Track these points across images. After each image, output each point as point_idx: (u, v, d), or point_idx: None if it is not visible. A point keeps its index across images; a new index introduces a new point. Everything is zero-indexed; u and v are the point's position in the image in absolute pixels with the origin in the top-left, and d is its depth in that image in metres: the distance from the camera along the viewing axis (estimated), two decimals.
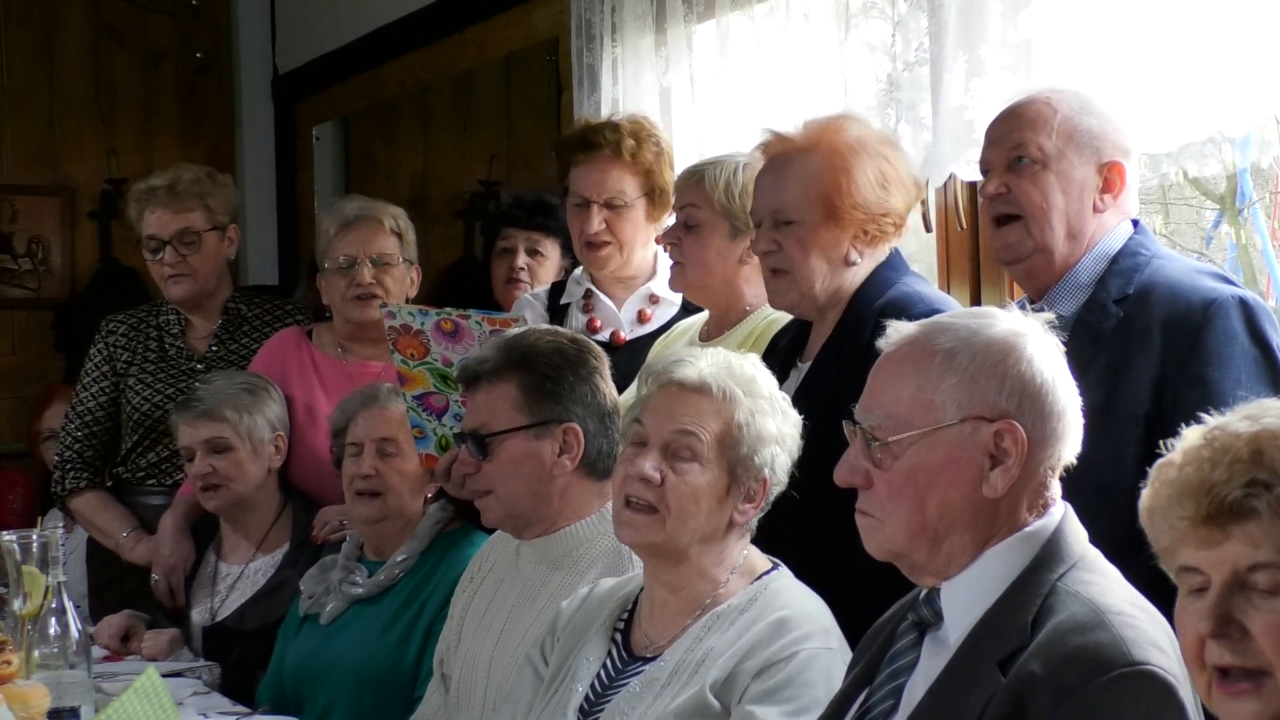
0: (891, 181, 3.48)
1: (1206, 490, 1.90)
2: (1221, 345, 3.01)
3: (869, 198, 3.46)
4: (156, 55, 7.85)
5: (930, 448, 2.41)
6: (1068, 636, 2.26)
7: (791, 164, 3.54)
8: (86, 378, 5.25)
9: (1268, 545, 1.86)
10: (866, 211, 3.47)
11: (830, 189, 3.47)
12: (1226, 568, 1.88)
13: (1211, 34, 3.39)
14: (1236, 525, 1.88)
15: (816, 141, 3.53)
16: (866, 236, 3.49)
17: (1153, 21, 3.51)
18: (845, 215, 3.47)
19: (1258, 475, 1.87)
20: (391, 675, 4.02)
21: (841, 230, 3.48)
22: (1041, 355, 2.44)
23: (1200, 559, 1.91)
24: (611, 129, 4.41)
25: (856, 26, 4.38)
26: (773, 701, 2.78)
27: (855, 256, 3.49)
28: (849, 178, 3.46)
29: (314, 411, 4.71)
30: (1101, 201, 3.22)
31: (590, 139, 4.41)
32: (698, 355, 3.08)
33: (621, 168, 4.36)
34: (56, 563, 3.65)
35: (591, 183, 4.37)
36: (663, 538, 2.96)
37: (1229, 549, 1.88)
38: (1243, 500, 1.87)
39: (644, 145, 4.37)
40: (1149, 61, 3.51)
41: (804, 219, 3.49)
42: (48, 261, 7.67)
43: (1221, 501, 1.88)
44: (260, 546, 4.73)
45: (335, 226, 4.84)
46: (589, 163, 4.38)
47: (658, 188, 4.37)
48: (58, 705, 3.34)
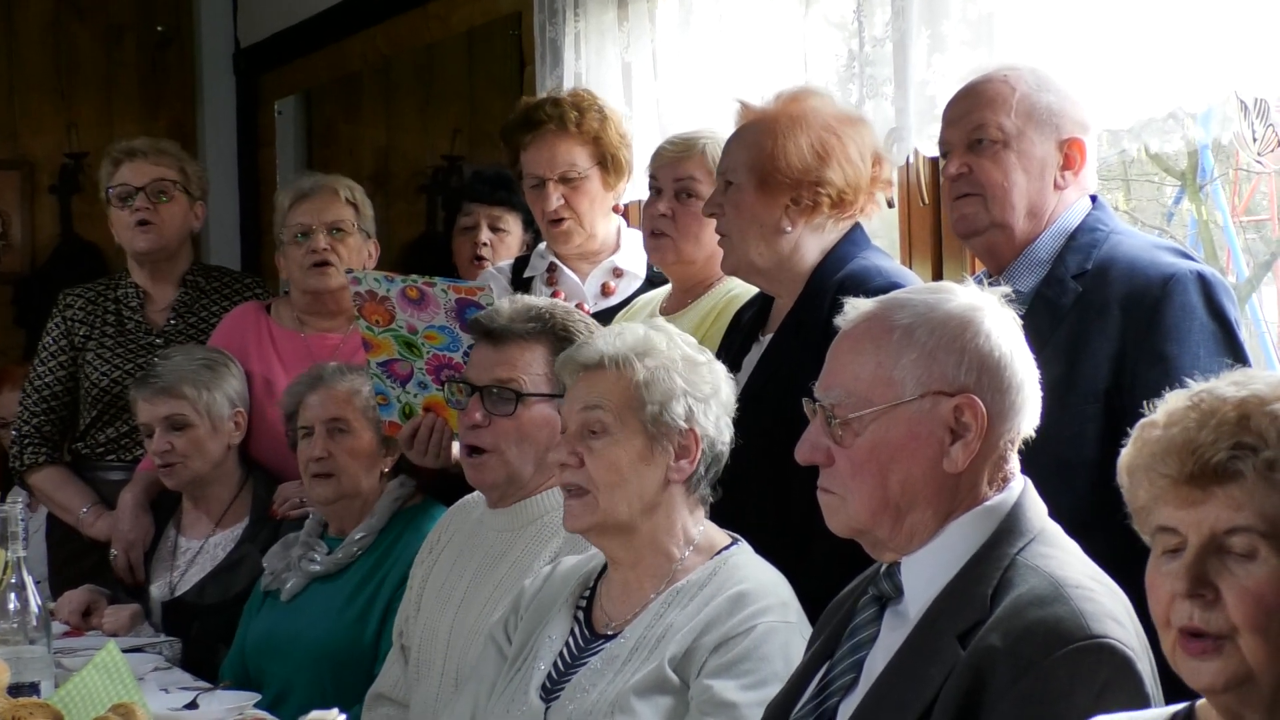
0: (833, 155, 3.47)
1: (1191, 450, 1.89)
2: (1180, 320, 3.02)
3: (796, 164, 3.45)
4: (117, 29, 7.82)
5: (891, 424, 2.41)
6: (1027, 610, 2.27)
7: (743, 131, 3.56)
8: (44, 352, 5.24)
9: (1249, 509, 1.85)
10: (793, 178, 3.46)
11: (760, 154, 3.47)
12: (1205, 529, 1.88)
13: (1172, 9, 3.39)
14: (1219, 487, 1.87)
15: (768, 111, 3.55)
16: (797, 205, 3.48)
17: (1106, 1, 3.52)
18: (773, 180, 3.47)
19: (1244, 439, 1.87)
20: (350, 652, 4.02)
21: (771, 196, 3.48)
22: (999, 329, 2.45)
23: (1179, 519, 1.90)
24: (553, 104, 4.42)
25: (818, 1, 4.37)
26: (730, 675, 2.79)
27: (786, 225, 3.49)
28: (778, 144, 3.46)
29: (273, 386, 4.71)
30: (1062, 178, 3.24)
31: (533, 117, 4.41)
32: (597, 335, 3.13)
33: (569, 140, 4.36)
34: (16, 538, 3.63)
35: (542, 160, 4.36)
36: (599, 514, 2.97)
37: (1209, 510, 1.88)
38: (1228, 462, 1.86)
39: (587, 115, 4.37)
40: (1109, 37, 3.52)
41: (740, 182, 3.50)
42: (7, 236, 7.63)
43: (1206, 462, 1.88)
44: (220, 522, 4.72)
45: (290, 199, 4.86)
46: (537, 141, 4.38)
47: (609, 154, 4.37)
48: (17, 681, 3.32)
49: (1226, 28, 3.30)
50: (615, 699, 2.84)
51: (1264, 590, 1.85)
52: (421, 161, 6.82)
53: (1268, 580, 1.85)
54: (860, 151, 3.52)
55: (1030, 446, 2.48)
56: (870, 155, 3.54)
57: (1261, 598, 1.85)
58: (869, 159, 3.54)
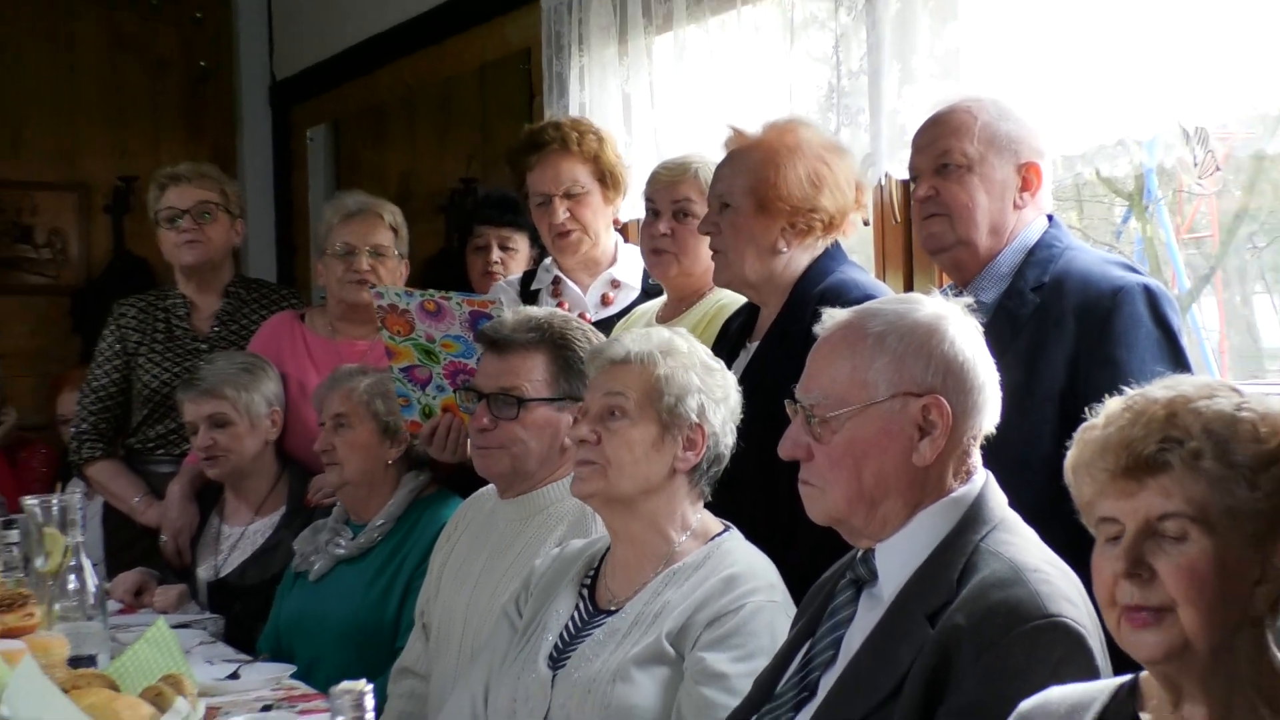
0: (824, 183, 3.48)
1: (1126, 445, 1.92)
2: (1128, 328, 3.02)
3: (795, 193, 3.46)
4: (164, 64, 7.82)
5: (865, 422, 2.42)
6: (989, 592, 2.27)
7: (739, 156, 3.55)
8: (100, 357, 5.24)
9: (1178, 496, 1.88)
10: (792, 205, 3.46)
11: (761, 181, 3.47)
12: (1140, 516, 1.90)
13: (1120, 45, 3.40)
14: (1151, 478, 1.90)
15: (764, 139, 3.55)
16: (794, 229, 3.48)
17: (1067, 33, 3.52)
18: (773, 206, 3.47)
19: (1171, 433, 1.90)
20: (373, 628, 4.02)
21: (770, 219, 3.48)
22: (963, 336, 2.46)
23: (1117, 509, 1.92)
24: (554, 127, 4.43)
25: (801, 38, 4.38)
26: (722, 649, 2.79)
27: (782, 245, 3.49)
28: (779, 173, 3.46)
29: (306, 388, 4.70)
30: (1020, 199, 3.23)
31: (537, 140, 4.41)
32: (625, 336, 3.14)
33: (571, 159, 4.36)
34: (74, 524, 3.64)
35: (548, 178, 4.36)
36: (605, 485, 2.98)
37: (1143, 499, 1.90)
38: (1157, 454, 1.89)
39: (585, 136, 4.38)
40: (1063, 70, 3.52)
41: (739, 205, 3.50)
42: (66, 251, 7.63)
43: (1138, 455, 1.91)
44: (259, 510, 4.73)
45: (338, 216, 4.84)
46: (541, 161, 4.38)
47: (607, 171, 4.38)
48: (76, 654, 3.33)
49: (1170, 62, 3.30)
50: (616, 668, 2.84)
51: (1195, 567, 1.87)
52: (439, 184, 6.81)
53: (1198, 558, 1.87)
54: (847, 179, 3.53)
55: (991, 443, 2.49)
56: (853, 182, 3.55)
57: (1194, 573, 1.87)
58: (853, 186, 3.55)
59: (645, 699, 2.81)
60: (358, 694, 1.91)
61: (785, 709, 2.46)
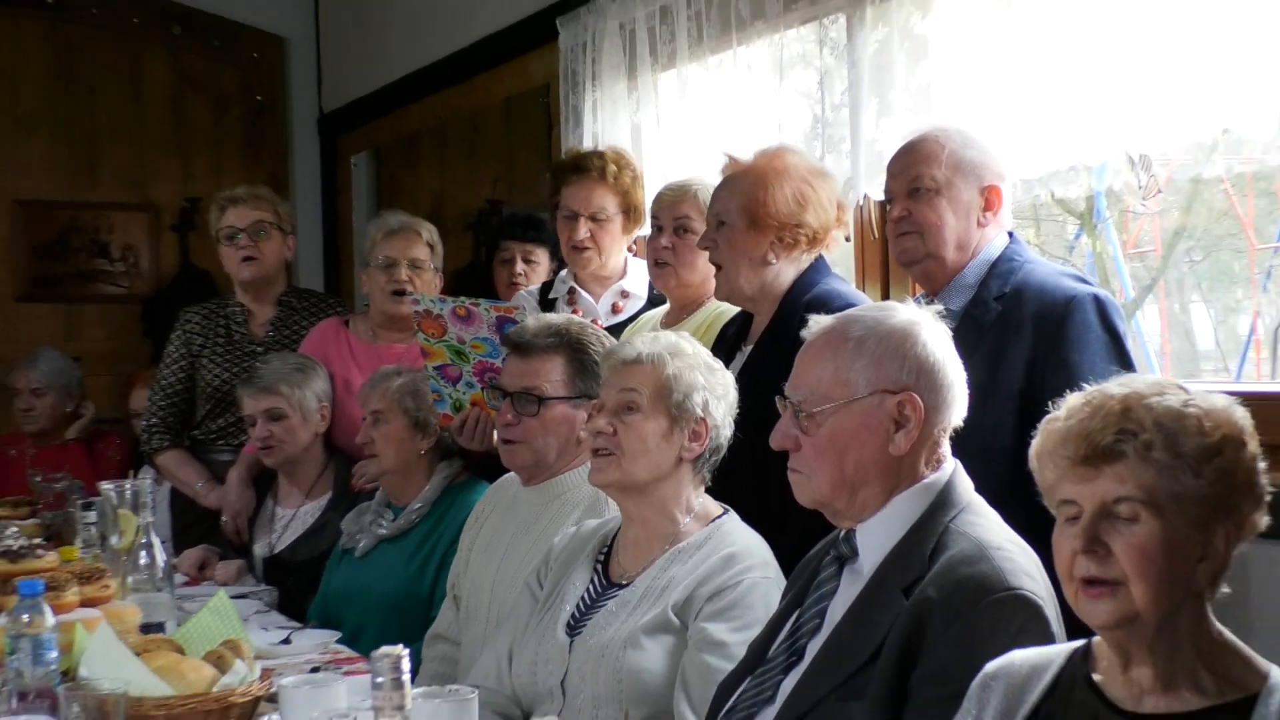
0: (809, 202, 3.48)
1: (1085, 436, 1.92)
2: (1080, 334, 3.01)
3: (783, 211, 3.47)
4: (225, 99, 7.83)
5: (846, 416, 2.41)
6: (958, 567, 2.27)
7: (733, 180, 3.56)
8: (168, 358, 5.24)
9: (1131, 482, 1.88)
10: (780, 221, 3.47)
11: (752, 201, 3.48)
12: (1097, 499, 1.90)
13: (1072, 80, 3.40)
14: (1107, 465, 1.90)
15: (755, 164, 3.55)
16: (782, 243, 3.49)
17: (1025, 70, 3.52)
18: (763, 223, 3.47)
19: (1126, 426, 1.90)
20: (411, 599, 4.02)
21: (761, 235, 3.48)
22: (934, 339, 2.45)
23: (1076, 492, 1.92)
24: (599, 156, 4.42)
25: (789, 75, 4.38)
26: (722, 619, 2.79)
27: (772, 258, 3.49)
28: (768, 193, 3.47)
29: (350, 385, 4.70)
30: (983, 218, 3.23)
31: (581, 164, 4.41)
32: (636, 339, 3.13)
33: (605, 188, 4.35)
34: (145, 507, 3.65)
35: (580, 199, 4.35)
36: (620, 473, 2.98)
37: (1100, 484, 1.90)
38: (1113, 445, 1.89)
39: (624, 171, 4.38)
40: (1022, 103, 3.52)
41: (733, 222, 3.50)
42: (137, 265, 7.64)
43: (1097, 445, 1.91)
44: (309, 494, 4.73)
45: (381, 232, 4.84)
46: (579, 183, 4.37)
47: (633, 206, 4.37)
48: (147, 621, 3.33)
49: (1117, 96, 3.30)
50: (627, 636, 2.84)
51: (1145, 546, 1.87)
52: (468, 205, 6.82)
53: (1148, 538, 1.87)
54: (829, 199, 3.53)
55: (959, 435, 2.48)
56: (835, 202, 3.55)
57: (1144, 551, 1.87)
58: (835, 205, 3.54)
59: (653, 664, 2.81)
60: (396, 658, 1.90)
61: (776, 672, 2.45)
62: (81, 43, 7.53)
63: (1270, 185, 4.62)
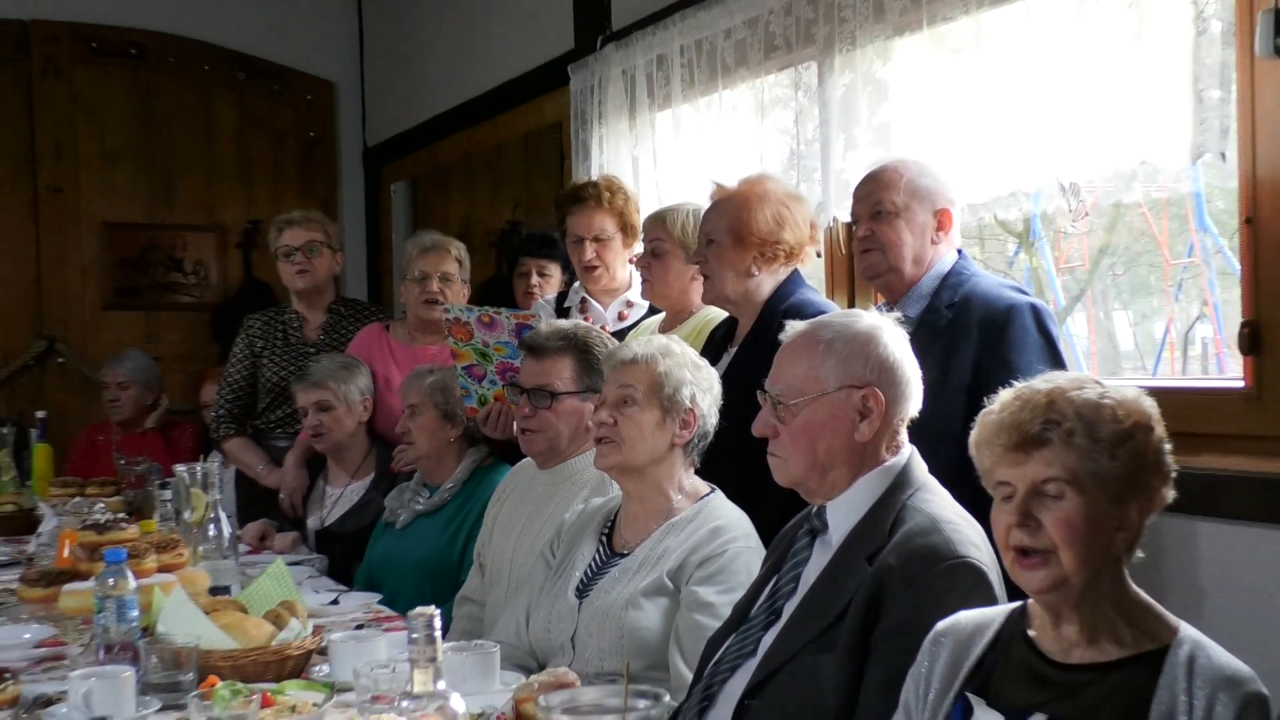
0: (785, 222, 3.48)
1: (1016, 426, 1.92)
2: (1019, 337, 3.01)
3: (763, 229, 3.46)
4: (282, 135, 7.83)
5: (818, 408, 2.41)
6: (914, 538, 2.27)
7: (720, 203, 3.55)
8: (233, 358, 5.23)
9: (1056, 465, 1.88)
10: (761, 238, 3.46)
11: (737, 221, 3.47)
12: (1028, 480, 1.90)
13: (1011, 119, 3.41)
14: (1036, 450, 1.90)
15: (739, 190, 3.55)
16: (763, 257, 3.48)
17: (971, 110, 3.53)
18: (746, 240, 3.47)
19: (1051, 416, 1.90)
20: (442, 566, 4.01)
21: (744, 250, 3.47)
22: (894, 342, 2.45)
23: (1011, 474, 1.92)
24: (593, 185, 4.41)
25: (769, 114, 4.39)
26: (710, 584, 2.78)
27: (754, 270, 3.48)
28: (751, 214, 3.46)
29: (390, 382, 4.69)
30: (936, 237, 3.23)
31: (579, 194, 4.40)
32: (632, 342, 3.13)
33: (603, 213, 4.34)
34: (214, 486, 3.64)
35: (583, 224, 4.35)
36: (621, 458, 2.97)
37: (1030, 467, 1.90)
38: (1040, 433, 1.90)
39: (616, 195, 4.36)
40: (969, 137, 3.53)
41: (720, 240, 3.50)
42: (207, 278, 7.64)
43: (1026, 434, 1.91)
44: (354, 475, 4.71)
45: (416, 250, 4.83)
46: (579, 211, 4.36)
47: (628, 224, 4.36)
48: (214, 585, 3.33)
49: (1050, 133, 3.31)
50: (628, 598, 2.83)
51: (1071, 519, 1.88)
52: (491, 226, 6.81)
53: (1073, 512, 1.88)
54: (803, 219, 3.52)
55: (915, 424, 2.48)
56: (809, 222, 3.55)
57: (1069, 524, 1.88)
58: (809, 224, 3.54)
59: (650, 622, 2.80)
60: (429, 616, 1.90)
61: (757, 629, 2.45)
62: (160, 87, 7.53)
63: (1181, 209, 4.62)
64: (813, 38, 4.07)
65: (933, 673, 2.03)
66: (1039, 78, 3.31)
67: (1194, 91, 2.92)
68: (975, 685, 1.98)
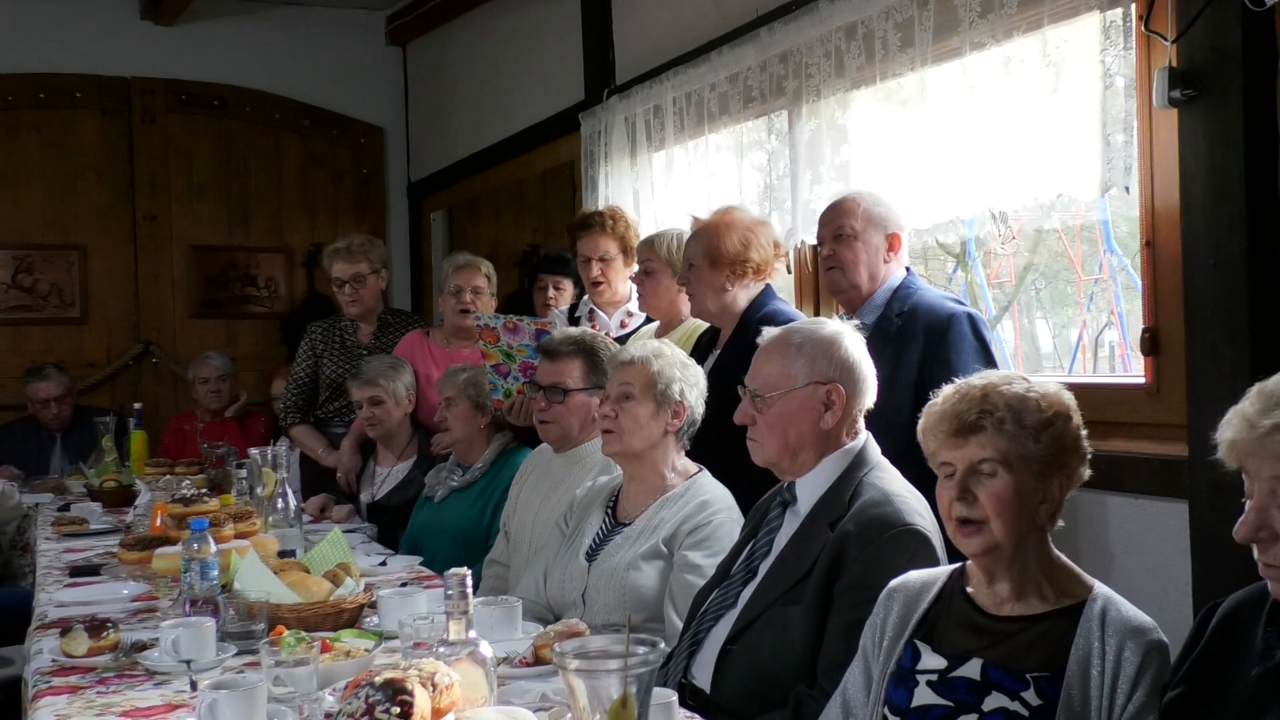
0: (751, 244, 3.46)
1: (956, 415, 1.92)
2: (958, 341, 3.01)
3: (731, 251, 3.44)
4: (340, 172, 7.81)
5: (789, 400, 2.41)
6: (869, 509, 2.27)
7: (698, 233, 3.54)
8: (298, 358, 5.21)
9: (990, 448, 1.88)
10: (731, 259, 3.44)
11: (710, 246, 3.46)
12: (966, 461, 1.90)
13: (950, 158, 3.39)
14: (973, 436, 1.90)
15: (711, 220, 3.54)
16: (735, 274, 3.46)
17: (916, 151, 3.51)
18: (719, 261, 3.45)
19: (985, 407, 1.90)
20: (474, 533, 3.99)
21: (718, 270, 3.46)
22: (853, 345, 2.45)
23: (952, 456, 1.92)
24: (599, 214, 4.39)
25: (746, 154, 4.37)
26: (698, 548, 2.77)
27: (729, 286, 3.46)
28: (721, 240, 3.45)
29: (430, 379, 4.67)
30: (888, 257, 3.22)
31: (587, 221, 4.38)
32: (630, 346, 3.11)
33: (607, 237, 4.32)
34: (282, 466, 3.62)
35: (590, 247, 4.33)
36: (622, 445, 2.95)
37: (968, 450, 1.90)
38: (976, 421, 1.89)
39: (618, 222, 4.34)
40: (915, 174, 3.51)
41: (698, 263, 3.48)
42: (276, 292, 7.62)
43: (964, 422, 1.90)
44: (400, 457, 4.69)
45: (452, 267, 4.82)
46: (587, 235, 4.35)
47: (628, 247, 4.33)
48: (282, 549, 3.32)
49: (982, 170, 3.30)
50: (630, 561, 2.82)
51: (1001, 494, 1.88)
52: (515, 247, 6.81)
53: (1004, 488, 1.88)
54: (767, 240, 3.51)
55: (871, 414, 2.48)
56: (773, 243, 3.53)
57: (1001, 498, 1.88)
58: (772, 244, 3.52)
59: (648, 581, 2.79)
60: (462, 576, 1.89)
61: (737, 585, 2.45)
62: (238, 133, 7.52)
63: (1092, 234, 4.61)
64: (784, 90, 4.06)
65: (886, 623, 2.02)
66: (973, 124, 3.30)
67: (1102, 135, 2.91)
68: (922, 633, 1.97)
